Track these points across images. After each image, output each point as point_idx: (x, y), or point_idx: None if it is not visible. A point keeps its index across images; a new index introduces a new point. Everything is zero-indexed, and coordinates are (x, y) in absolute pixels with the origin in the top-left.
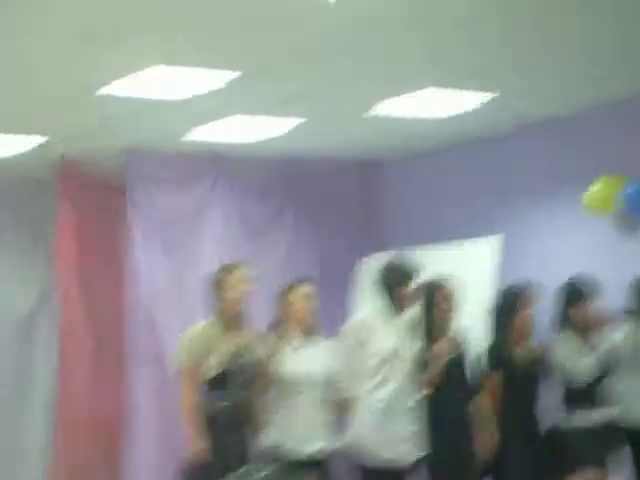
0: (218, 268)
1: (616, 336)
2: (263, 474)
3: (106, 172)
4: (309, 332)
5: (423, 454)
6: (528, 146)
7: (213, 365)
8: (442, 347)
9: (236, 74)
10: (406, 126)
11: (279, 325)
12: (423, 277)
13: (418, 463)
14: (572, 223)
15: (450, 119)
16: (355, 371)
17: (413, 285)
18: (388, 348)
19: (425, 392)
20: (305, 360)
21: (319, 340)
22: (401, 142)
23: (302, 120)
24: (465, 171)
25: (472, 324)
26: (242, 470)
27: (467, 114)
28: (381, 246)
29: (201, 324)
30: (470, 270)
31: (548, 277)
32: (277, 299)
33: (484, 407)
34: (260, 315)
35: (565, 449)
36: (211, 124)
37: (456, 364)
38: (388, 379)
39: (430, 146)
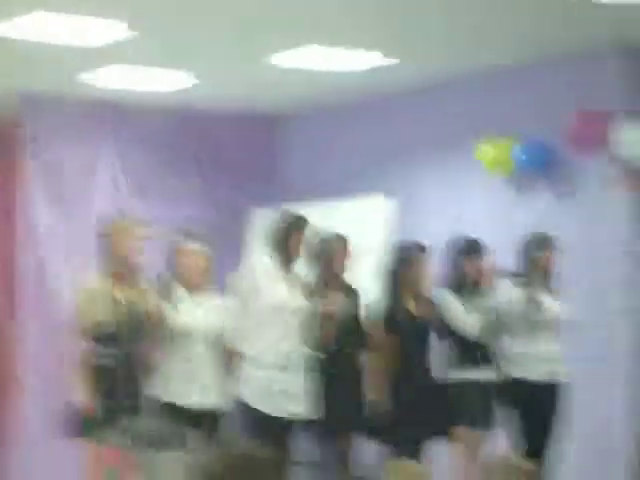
0: (109, 221)
1: (505, 296)
2: (152, 426)
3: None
4: (199, 287)
5: (313, 411)
6: (425, 106)
7: (103, 318)
8: (334, 302)
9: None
10: (301, 80)
11: (170, 279)
12: (316, 231)
13: (308, 420)
14: (466, 183)
15: (347, 75)
16: (245, 324)
17: (304, 238)
18: (278, 301)
19: (316, 348)
20: (195, 314)
21: (210, 294)
22: (298, 97)
23: (197, 72)
24: (361, 129)
25: (364, 281)
26: (131, 422)
27: (363, 72)
28: (275, 200)
29: (93, 277)
30: (363, 228)
31: (441, 236)
32: (168, 254)
33: (376, 364)
34: (152, 269)
35: (452, 404)
36: (108, 72)
37: (348, 320)
38: (279, 334)
39: (328, 102)
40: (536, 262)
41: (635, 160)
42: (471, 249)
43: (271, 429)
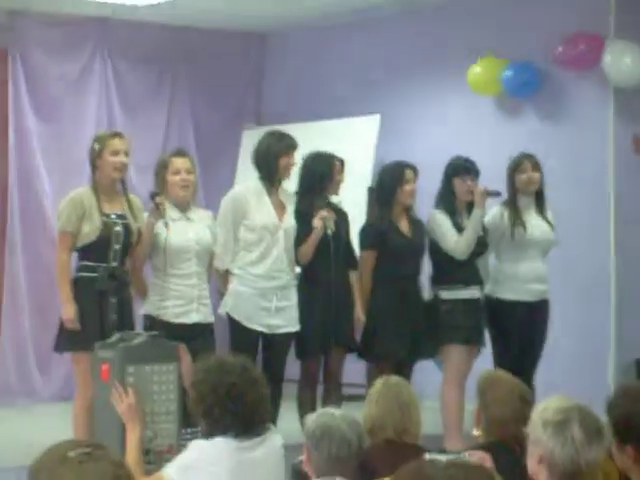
0: (95, 137)
1: (491, 216)
2: (138, 340)
3: None
4: (186, 205)
5: (294, 329)
6: (412, 27)
7: (89, 231)
8: (320, 219)
9: None
10: None
11: (159, 196)
12: (303, 151)
13: (289, 336)
14: (455, 104)
15: None
16: (231, 244)
17: (293, 158)
18: (266, 223)
19: (300, 266)
20: (186, 231)
21: (197, 212)
22: (285, 15)
23: None
24: (348, 49)
25: (352, 201)
26: (116, 336)
27: None
28: (261, 120)
29: (80, 190)
30: (350, 147)
31: (430, 156)
32: (155, 172)
33: (361, 283)
34: (142, 186)
35: (441, 323)
36: None
37: (336, 237)
38: (265, 255)
39: (314, 21)
40: (523, 183)
41: (623, 82)
42: (462, 169)
43: (254, 343)
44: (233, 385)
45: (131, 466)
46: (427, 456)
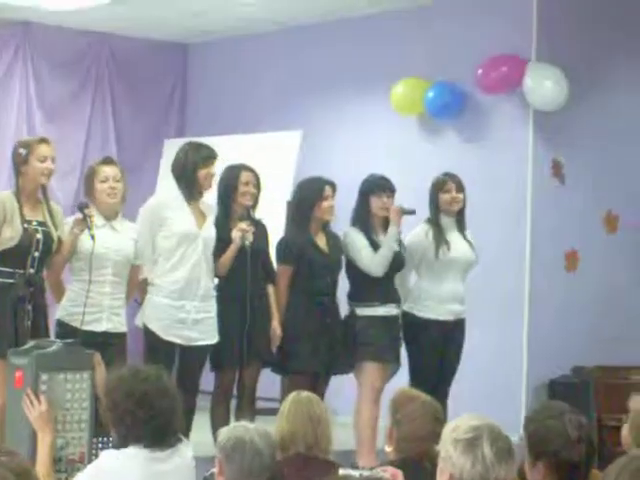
0: (20, 142)
1: (413, 235)
2: (53, 348)
3: None
4: (113, 213)
5: (211, 341)
6: (337, 41)
7: (9, 237)
8: (239, 231)
9: None
10: (215, 7)
11: (85, 205)
12: (224, 164)
13: (205, 348)
14: (377, 122)
15: (260, 3)
16: (148, 253)
17: (212, 170)
18: (185, 231)
19: (218, 278)
20: (104, 239)
21: (123, 223)
22: (211, 24)
23: None
24: (271, 61)
25: (270, 215)
26: (31, 344)
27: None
28: (184, 131)
29: (2, 194)
30: (270, 162)
31: (349, 173)
32: (85, 179)
33: (277, 297)
34: (58, 191)
35: (357, 339)
36: None
37: (254, 251)
38: (183, 262)
39: (240, 33)
40: (447, 203)
41: (543, 106)
42: (378, 186)
43: (168, 354)
44: (146, 393)
45: (41, 475)
46: (341, 471)
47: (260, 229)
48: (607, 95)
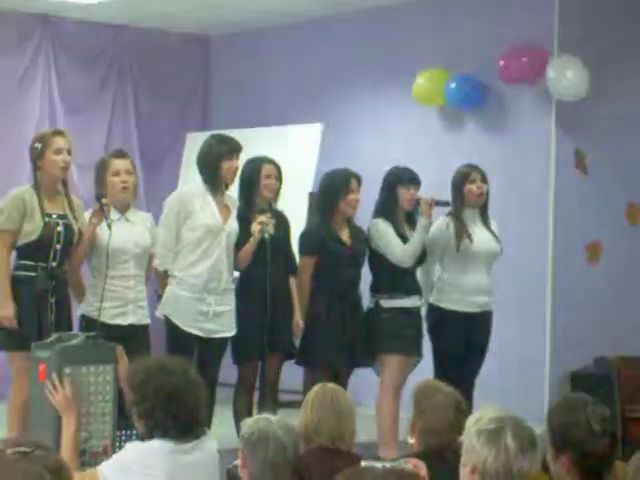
0: (36, 136)
1: (436, 226)
2: (76, 341)
3: None
4: (125, 206)
5: (230, 333)
6: (358, 33)
7: (30, 231)
8: (258, 224)
9: None
10: (235, 0)
11: (100, 198)
12: (247, 157)
13: (224, 340)
14: (398, 113)
15: None
16: (172, 245)
17: (236, 162)
18: (208, 224)
19: (238, 271)
20: (122, 233)
21: (136, 214)
22: (233, 17)
23: None
24: (292, 53)
25: (292, 207)
26: (54, 337)
27: None
28: (205, 125)
29: (22, 188)
30: (292, 154)
31: (370, 164)
32: (97, 173)
33: (300, 289)
34: (80, 186)
35: (379, 332)
36: None
37: (276, 243)
38: (206, 256)
39: (261, 26)
40: (473, 194)
41: (565, 97)
42: (406, 178)
43: (190, 346)
44: (175, 387)
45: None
46: (364, 463)
47: (281, 221)
48: (630, 86)
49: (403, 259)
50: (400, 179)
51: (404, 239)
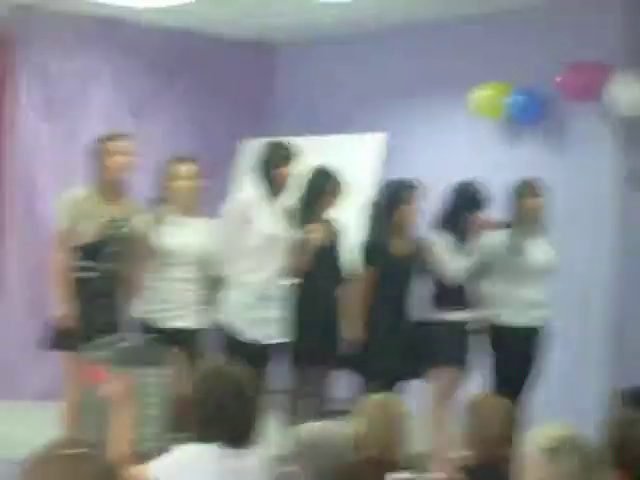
0: (99, 137)
1: (491, 241)
2: (129, 343)
3: None
4: (189, 210)
5: (287, 339)
6: (420, 45)
7: (87, 232)
8: (314, 232)
9: None
10: (300, 9)
11: (160, 201)
12: (306, 165)
13: (282, 347)
14: (458, 125)
15: (345, 6)
16: (231, 251)
17: (292, 170)
18: (266, 232)
19: (295, 278)
20: (182, 236)
21: (198, 218)
22: (296, 26)
23: None
24: (354, 65)
25: (352, 216)
26: (108, 339)
27: (362, 4)
28: (266, 131)
29: (80, 189)
30: (353, 164)
31: (431, 175)
32: (158, 176)
33: (354, 298)
34: (141, 189)
35: (429, 344)
36: None
37: (328, 252)
38: (263, 263)
39: (325, 35)
40: (532, 209)
41: (625, 112)
42: (475, 202)
43: (246, 352)
44: (231, 392)
45: (117, 453)
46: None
47: (335, 231)
48: None
49: (457, 274)
50: (476, 203)
51: (460, 254)
